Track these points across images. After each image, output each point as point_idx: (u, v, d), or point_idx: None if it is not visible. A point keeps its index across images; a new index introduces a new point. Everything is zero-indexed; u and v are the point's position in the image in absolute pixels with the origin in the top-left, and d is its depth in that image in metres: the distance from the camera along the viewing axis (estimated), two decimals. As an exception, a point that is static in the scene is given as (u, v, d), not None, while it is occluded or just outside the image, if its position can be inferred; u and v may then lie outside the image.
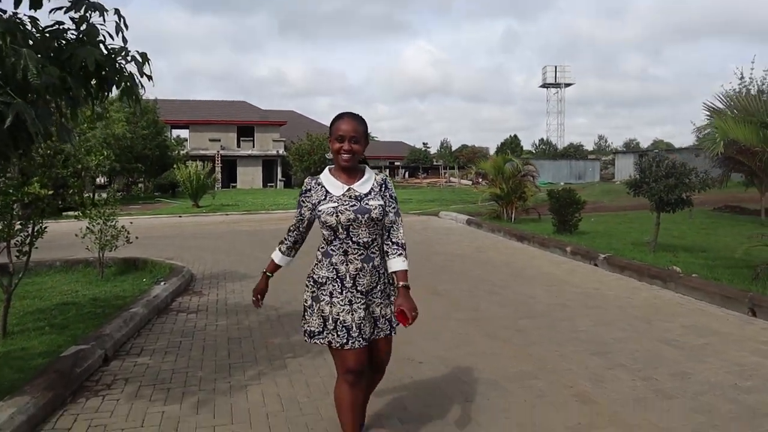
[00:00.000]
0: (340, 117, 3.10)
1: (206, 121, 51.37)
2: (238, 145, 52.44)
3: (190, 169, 25.37)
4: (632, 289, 7.74)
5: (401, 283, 3.07)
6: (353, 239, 3.06)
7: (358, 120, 3.09)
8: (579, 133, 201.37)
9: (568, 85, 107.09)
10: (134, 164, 32.35)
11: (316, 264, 3.14)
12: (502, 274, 8.91)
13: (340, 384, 3.15)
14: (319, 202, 3.10)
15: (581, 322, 6.15)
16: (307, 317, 3.15)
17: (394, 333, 3.27)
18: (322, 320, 3.07)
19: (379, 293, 3.16)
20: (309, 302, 3.14)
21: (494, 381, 4.46)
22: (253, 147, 51.95)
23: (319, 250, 3.17)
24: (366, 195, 3.12)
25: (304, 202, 3.19)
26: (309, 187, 3.17)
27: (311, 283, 3.14)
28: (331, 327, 3.05)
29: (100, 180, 44.45)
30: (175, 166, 27.46)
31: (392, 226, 3.21)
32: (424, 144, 77.48)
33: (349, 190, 3.10)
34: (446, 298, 7.32)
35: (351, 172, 3.16)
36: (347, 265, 3.06)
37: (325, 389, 4.33)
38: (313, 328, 3.12)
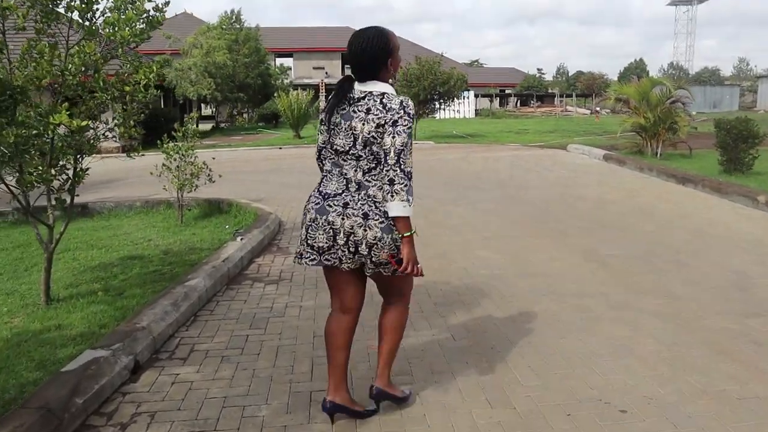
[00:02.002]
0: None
1: (310, 48, 49.89)
2: (343, 73, 50.77)
3: (290, 98, 23.93)
4: None
5: None
6: None
7: None
8: (706, 58, 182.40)
9: (701, 1, 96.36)
10: (236, 93, 31.41)
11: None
12: (680, 231, 6.65)
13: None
14: None
15: None
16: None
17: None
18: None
19: None
20: None
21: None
22: (358, 75, 50.13)
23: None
24: None
25: None
26: None
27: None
28: None
29: (209, 110, 44.35)
30: (275, 94, 26.12)
31: None
32: (539, 70, 72.33)
33: None
34: (617, 271, 5.21)
35: None
36: None
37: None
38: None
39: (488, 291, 4.65)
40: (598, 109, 57.41)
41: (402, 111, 2.55)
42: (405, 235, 2.58)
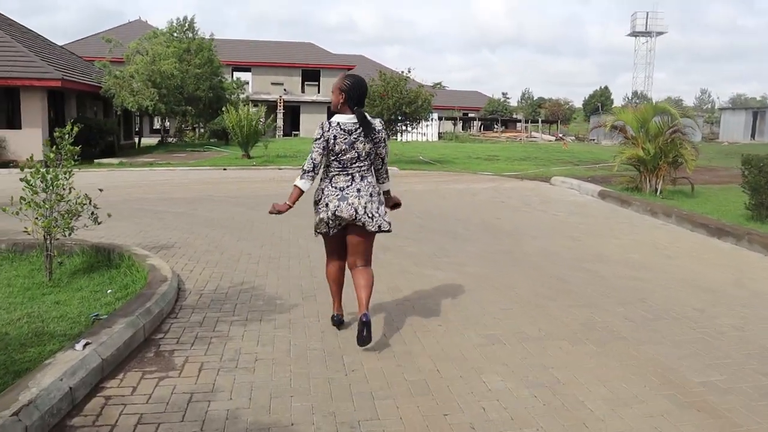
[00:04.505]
0: None
1: (269, 63, 47.35)
2: (303, 90, 48.34)
3: (240, 113, 21.41)
4: None
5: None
6: None
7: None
8: (656, 89, 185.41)
9: (660, 33, 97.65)
10: (184, 106, 28.61)
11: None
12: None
13: None
14: None
15: None
16: None
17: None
18: None
19: None
20: None
21: None
22: (318, 92, 47.75)
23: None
24: None
25: None
26: None
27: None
28: None
29: (156, 124, 41.23)
30: (223, 108, 23.51)
31: None
32: (504, 94, 71.08)
33: None
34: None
35: None
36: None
37: None
38: None
39: None
40: (562, 135, 56.39)
41: (384, 130, 3.99)
42: (393, 195, 4.21)
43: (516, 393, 3.29)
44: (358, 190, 3.87)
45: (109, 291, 5.30)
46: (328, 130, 3.82)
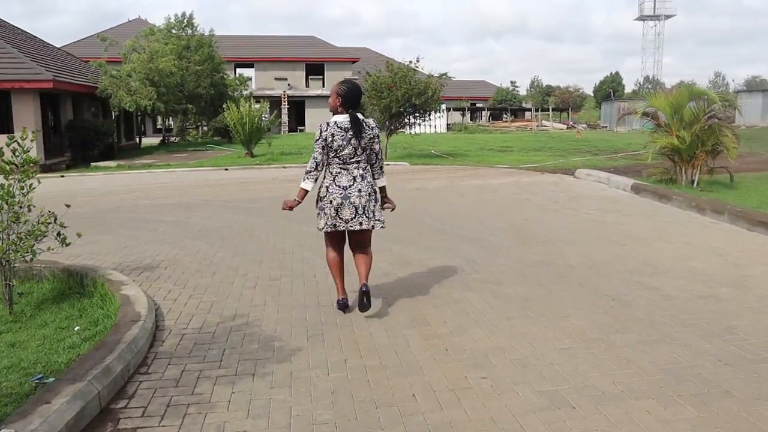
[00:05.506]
0: None
1: (272, 58, 46.30)
2: (307, 85, 47.30)
3: (242, 110, 20.46)
4: None
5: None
6: None
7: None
8: (665, 74, 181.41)
9: (668, 17, 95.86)
10: (184, 105, 27.66)
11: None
12: None
13: None
14: None
15: None
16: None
17: None
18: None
19: None
20: None
21: None
22: (323, 86, 46.69)
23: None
24: None
25: None
26: None
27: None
28: None
29: (160, 123, 40.33)
30: (224, 106, 22.53)
31: None
32: (512, 83, 69.51)
33: None
34: None
35: None
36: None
37: None
38: None
39: None
40: (573, 123, 55.07)
41: (376, 128, 4.42)
42: (387, 195, 4.52)
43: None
44: (359, 191, 4.26)
45: (76, 328, 4.44)
46: (326, 130, 4.24)
